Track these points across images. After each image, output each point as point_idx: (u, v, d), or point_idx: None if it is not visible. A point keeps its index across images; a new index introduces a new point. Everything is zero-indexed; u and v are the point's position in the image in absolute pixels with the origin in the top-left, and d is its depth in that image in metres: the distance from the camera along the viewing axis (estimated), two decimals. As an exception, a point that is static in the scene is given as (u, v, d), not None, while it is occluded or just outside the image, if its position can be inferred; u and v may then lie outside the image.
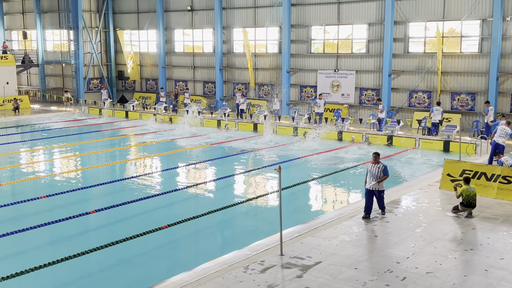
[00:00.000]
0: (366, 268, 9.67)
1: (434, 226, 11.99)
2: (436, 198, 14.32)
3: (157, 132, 27.92)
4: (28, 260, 10.67)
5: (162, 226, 12.52)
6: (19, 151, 21.88)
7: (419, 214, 12.84)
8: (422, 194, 14.66)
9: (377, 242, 11.03)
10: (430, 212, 13.07)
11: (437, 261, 9.91)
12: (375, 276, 9.31)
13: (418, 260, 9.98)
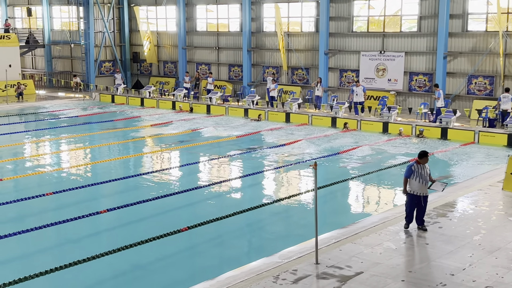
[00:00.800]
0: (415, 280, 9.60)
1: (495, 233, 11.81)
2: (498, 200, 14.09)
3: (176, 121, 28.18)
4: (33, 265, 10.95)
5: (181, 228, 12.64)
6: (23, 142, 22.40)
7: (478, 219, 12.66)
8: (482, 196, 14.44)
9: (428, 250, 10.93)
10: (491, 216, 12.88)
11: (498, 274, 9.77)
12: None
13: (476, 272, 9.85)
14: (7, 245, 12.02)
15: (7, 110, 31.27)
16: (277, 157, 20.36)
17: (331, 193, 15.83)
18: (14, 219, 14.02)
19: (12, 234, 12.21)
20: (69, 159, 20.02)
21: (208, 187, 16.43)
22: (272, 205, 14.69)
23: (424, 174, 11.82)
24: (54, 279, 10.34)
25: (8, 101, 33.52)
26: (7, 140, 22.97)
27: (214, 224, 13.14)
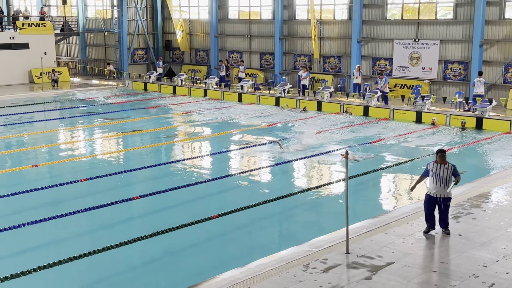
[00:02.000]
0: (446, 271, 9.50)
1: (530, 225, 11.60)
2: (534, 192, 13.83)
3: (207, 110, 28.31)
4: (67, 249, 11.17)
5: (212, 216, 12.75)
6: (57, 128, 22.80)
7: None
8: (517, 188, 14.19)
9: (460, 242, 10.79)
10: (526, 209, 12.64)
11: (533, 267, 9.61)
12: (457, 281, 9.13)
13: (510, 264, 9.70)
14: (42, 230, 12.29)
15: (42, 97, 31.83)
16: (309, 146, 20.29)
17: (362, 183, 15.73)
18: (49, 204, 14.30)
19: (47, 219, 12.48)
20: (102, 146, 20.31)
21: (239, 175, 16.49)
22: (302, 194, 14.68)
23: (440, 174, 10.83)
24: (87, 263, 10.55)
25: (44, 88, 34.10)
26: (43, 126, 23.41)
27: (245, 212, 13.20)
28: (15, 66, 36.47)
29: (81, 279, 10.29)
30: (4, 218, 12.78)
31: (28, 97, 31.66)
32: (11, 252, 11.49)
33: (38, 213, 12.95)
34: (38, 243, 11.88)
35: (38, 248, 11.66)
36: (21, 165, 17.52)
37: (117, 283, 10.24)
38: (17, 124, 23.66)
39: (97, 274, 10.52)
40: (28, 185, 15.10)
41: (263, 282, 9.12)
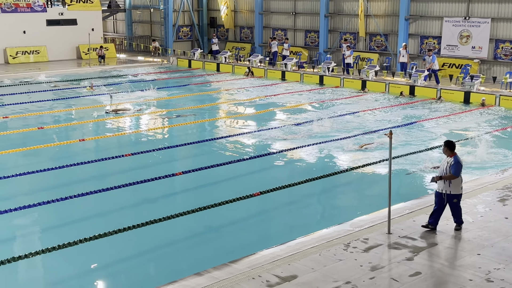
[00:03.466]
0: (491, 254, 9.33)
1: None
2: None
3: (250, 87, 28.31)
4: (112, 222, 11.43)
5: (253, 193, 12.82)
6: (103, 104, 23.20)
7: None
8: None
9: (507, 225, 10.56)
10: None
11: None
12: (502, 264, 8.96)
13: (558, 250, 9.45)
14: (88, 202, 12.60)
15: (89, 73, 32.41)
16: (351, 125, 20.10)
17: (405, 163, 15.50)
18: (95, 178, 14.64)
19: (93, 192, 12.79)
20: (146, 122, 20.58)
21: (281, 153, 16.48)
22: (344, 174, 14.58)
23: (442, 168, 10.20)
24: (131, 236, 10.79)
25: (91, 64, 34.69)
26: (89, 102, 23.87)
27: (286, 190, 13.23)
28: (64, 42, 37.19)
29: (125, 251, 10.53)
30: (52, 190, 13.17)
31: (75, 73, 32.29)
32: (59, 223, 11.84)
33: (84, 186, 13.28)
34: (84, 215, 12.19)
35: (84, 220, 11.96)
36: (69, 139, 17.93)
37: (160, 256, 10.44)
38: (65, 99, 24.19)
39: (140, 247, 10.74)
40: (75, 158, 15.49)
41: (303, 260, 9.15)
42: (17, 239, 11.28)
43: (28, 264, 9.80)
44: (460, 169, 10.10)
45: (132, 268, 10.01)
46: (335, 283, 8.38)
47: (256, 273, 8.68)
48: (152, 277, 9.63)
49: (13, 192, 13.54)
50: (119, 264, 10.12)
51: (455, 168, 10.05)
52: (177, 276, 8.66)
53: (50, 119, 20.45)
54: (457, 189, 10.15)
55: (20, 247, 10.80)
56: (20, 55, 35.51)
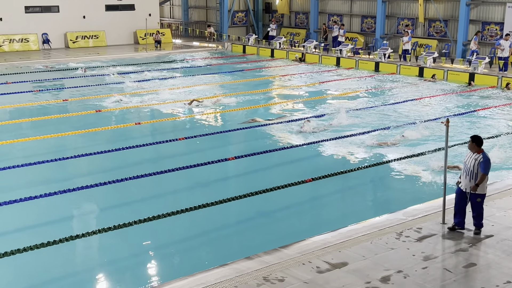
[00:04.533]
0: (550, 249, 9.03)
1: None
2: None
3: (304, 73, 28.17)
4: (165, 204, 11.66)
5: (306, 179, 12.81)
6: (158, 89, 23.58)
7: None
8: None
9: None
10: None
11: None
12: (562, 260, 8.67)
13: None
14: (142, 185, 12.89)
15: (146, 58, 32.96)
16: (408, 113, 19.75)
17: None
18: (149, 161, 14.95)
19: (148, 175, 13.06)
20: (200, 107, 20.78)
21: (334, 140, 16.34)
22: (398, 162, 14.35)
23: (468, 165, 9.44)
24: (184, 219, 10.98)
25: (147, 49, 35.27)
26: (146, 86, 24.30)
27: (338, 177, 13.15)
28: (121, 27, 37.94)
29: (177, 233, 10.73)
30: (108, 172, 13.52)
31: (132, 57, 32.90)
32: (115, 204, 12.16)
33: (139, 169, 13.57)
34: (139, 197, 12.48)
35: (139, 202, 12.25)
36: (125, 122, 18.33)
37: (211, 239, 10.59)
38: (120, 83, 24.70)
39: (192, 229, 10.92)
40: (131, 141, 15.85)
41: (354, 247, 9.10)
42: (74, 219, 11.67)
43: (85, 243, 10.13)
44: (489, 167, 9.42)
45: (184, 250, 10.20)
46: (386, 272, 8.30)
47: (307, 259, 8.70)
48: (204, 259, 9.78)
49: (72, 173, 13.98)
50: (171, 246, 10.33)
51: (485, 166, 9.33)
52: (228, 259, 8.77)
53: (107, 102, 20.91)
54: (481, 188, 9.45)
55: (78, 226, 11.18)
56: (80, 39, 36.45)
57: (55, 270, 9.29)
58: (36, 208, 11.53)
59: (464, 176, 9.53)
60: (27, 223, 11.03)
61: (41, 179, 13.27)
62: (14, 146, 15.88)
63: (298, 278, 8.11)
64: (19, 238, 10.11)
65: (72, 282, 9.09)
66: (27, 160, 14.01)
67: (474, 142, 9.45)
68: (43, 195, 11.72)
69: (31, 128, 17.91)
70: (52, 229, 10.63)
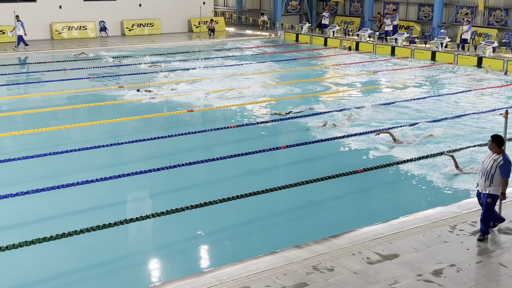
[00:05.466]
0: None
1: None
2: None
3: (358, 63, 27.83)
4: (217, 191, 11.79)
5: (357, 170, 12.70)
6: (211, 76, 23.78)
7: None
8: None
9: None
10: None
11: None
12: None
13: None
14: (194, 171, 13.07)
15: (199, 46, 33.27)
16: (465, 103, 19.26)
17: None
18: (201, 148, 15.13)
19: (200, 162, 13.23)
20: (251, 95, 20.82)
21: (388, 130, 16.07)
22: (454, 154, 14.02)
23: (485, 165, 8.93)
24: (234, 206, 11.08)
25: (201, 37, 35.57)
26: (198, 73, 24.54)
27: (390, 168, 12.98)
28: (176, 15, 38.38)
29: (228, 220, 10.83)
30: (161, 158, 13.77)
31: (186, 45, 33.26)
32: (167, 190, 12.38)
33: (191, 156, 13.76)
34: (190, 183, 12.66)
35: (190, 188, 12.43)
36: (177, 110, 18.58)
37: (261, 227, 10.65)
38: (173, 71, 25.02)
39: (243, 216, 11.00)
40: (183, 128, 16.08)
41: (406, 239, 8.99)
42: (128, 203, 11.95)
43: (138, 227, 10.37)
44: (510, 170, 8.83)
45: (234, 237, 10.30)
46: (439, 265, 8.17)
47: (357, 249, 8.65)
48: (253, 246, 9.86)
49: (126, 158, 14.31)
50: (222, 232, 10.44)
51: (505, 170, 8.74)
52: (278, 247, 8.81)
53: (161, 90, 21.22)
54: (496, 189, 8.90)
55: (132, 210, 11.44)
56: (136, 27, 37.09)
57: (109, 253, 9.55)
58: (92, 191, 11.86)
59: (480, 176, 9.02)
60: (84, 205, 11.36)
61: (97, 164, 13.64)
62: (71, 130, 16.37)
63: (348, 268, 8.08)
64: (76, 220, 10.44)
65: (125, 265, 9.33)
66: (84, 144, 14.42)
67: (495, 142, 8.89)
68: (99, 179, 12.05)
69: (88, 114, 18.39)
70: (107, 212, 10.93)
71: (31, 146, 14.59)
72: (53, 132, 15.93)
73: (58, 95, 20.66)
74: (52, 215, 10.89)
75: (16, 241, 9.21)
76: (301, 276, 7.85)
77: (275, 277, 7.83)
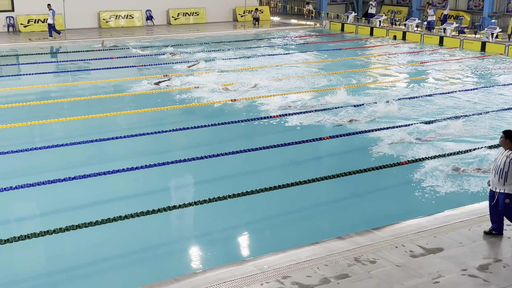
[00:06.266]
0: None
1: None
2: None
3: (404, 53, 27.38)
4: (259, 180, 11.80)
5: (401, 161, 12.53)
6: (254, 66, 23.77)
7: None
8: None
9: None
10: None
11: None
12: None
13: None
14: (237, 160, 13.12)
15: (244, 35, 33.31)
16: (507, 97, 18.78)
17: None
18: (244, 137, 15.17)
19: (242, 151, 13.27)
20: (294, 84, 20.71)
21: (435, 123, 15.75)
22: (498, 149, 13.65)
23: (498, 162, 8.51)
24: (276, 196, 11.08)
25: (246, 26, 35.60)
26: (242, 63, 24.57)
27: (435, 160, 12.72)
28: (221, 4, 38.49)
29: (270, 210, 10.85)
30: (204, 147, 13.87)
31: (230, 34, 33.34)
32: (210, 178, 12.46)
33: (232, 145, 13.82)
34: (233, 172, 12.72)
35: (233, 177, 12.49)
36: (220, 99, 18.66)
37: (304, 217, 10.63)
38: (217, 60, 25.13)
39: (285, 206, 11.00)
40: (226, 117, 16.15)
41: (451, 233, 8.83)
42: (171, 190, 12.11)
43: (180, 214, 10.49)
44: None
45: (276, 227, 10.30)
46: (485, 260, 8.00)
47: (400, 242, 8.54)
48: (294, 236, 9.85)
49: (170, 146, 14.48)
50: (263, 221, 10.47)
51: None
52: (319, 238, 8.79)
53: (205, 79, 21.34)
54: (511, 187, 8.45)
55: (174, 197, 11.59)
56: (181, 16, 37.36)
57: (151, 239, 9.70)
58: (136, 178, 12.05)
59: (493, 175, 8.57)
60: (128, 192, 11.56)
61: (142, 151, 13.85)
62: (117, 118, 16.67)
63: (390, 261, 8.00)
64: (120, 206, 10.63)
65: (167, 251, 9.46)
66: (130, 132, 14.66)
67: (508, 138, 8.51)
68: (144, 166, 12.22)
69: (133, 102, 18.67)
70: (150, 199, 11.09)
71: (79, 133, 14.93)
72: (99, 119, 16.25)
73: (104, 83, 21.00)
74: (98, 200, 11.12)
75: (63, 224, 9.45)
76: (342, 268, 7.81)
77: (316, 268, 7.81)
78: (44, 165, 12.84)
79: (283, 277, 7.57)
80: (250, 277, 7.59)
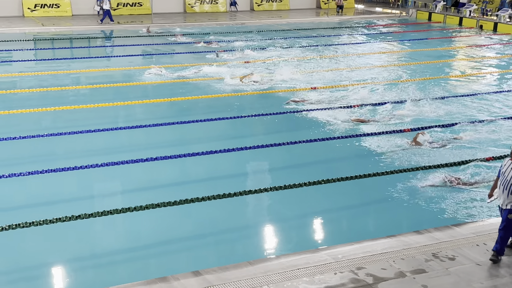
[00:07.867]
0: None
1: None
2: None
3: (495, 45, 26.24)
4: (336, 170, 11.70)
5: (486, 157, 12.06)
6: (334, 54, 23.50)
7: None
8: None
9: None
10: None
11: None
12: None
13: None
14: (314, 149, 13.05)
15: (326, 23, 33.00)
16: None
17: None
18: (320, 126, 14.98)
19: (319, 140, 13.26)
20: (361, 76, 20.20)
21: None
22: None
23: (507, 177, 7.65)
24: (352, 186, 10.97)
25: (329, 14, 35.26)
26: (322, 50, 24.37)
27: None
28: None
29: (345, 200, 10.73)
30: (281, 133, 13.88)
31: (312, 22, 33.10)
32: (286, 165, 12.45)
33: (310, 133, 13.75)
34: (310, 160, 12.62)
35: (309, 165, 12.39)
36: (301, 86, 18.57)
37: (380, 209, 10.40)
38: (288, 48, 25.04)
39: (360, 198, 10.78)
40: (304, 106, 16.08)
41: None
42: (248, 175, 12.20)
43: (255, 199, 10.58)
44: None
45: (351, 217, 10.16)
46: None
47: (481, 240, 8.26)
48: (370, 228, 9.73)
49: (248, 132, 14.58)
50: (338, 211, 10.35)
51: None
52: (395, 231, 8.63)
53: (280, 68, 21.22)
54: None
55: (250, 183, 11.66)
56: (265, 2, 37.48)
57: (225, 222, 9.80)
58: (214, 162, 12.22)
59: (501, 190, 7.74)
60: (205, 175, 11.76)
61: (220, 135, 14.03)
62: (199, 101, 16.91)
63: (470, 259, 7.75)
64: (197, 188, 10.81)
65: (241, 235, 9.56)
66: (209, 116, 14.89)
67: None
68: (222, 150, 12.34)
69: (208, 87, 18.65)
70: (226, 183, 11.20)
71: (162, 114, 15.33)
72: (181, 102, 16.58)
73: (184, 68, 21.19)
74: (177, 181, 11.39)
75: (144, 203, 9.77)
76: (419, 262, 7.65)
77: (392, 261, 7.69)
78: (129, 143, 13.34)
79: (357, 268, 7.52)
80: (324, 266, 7.58)
